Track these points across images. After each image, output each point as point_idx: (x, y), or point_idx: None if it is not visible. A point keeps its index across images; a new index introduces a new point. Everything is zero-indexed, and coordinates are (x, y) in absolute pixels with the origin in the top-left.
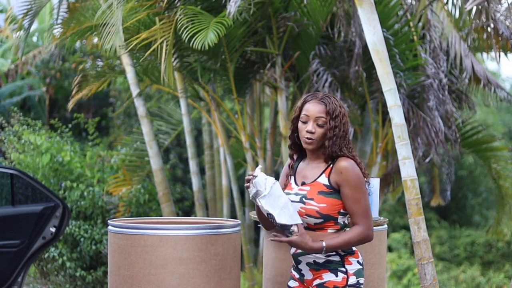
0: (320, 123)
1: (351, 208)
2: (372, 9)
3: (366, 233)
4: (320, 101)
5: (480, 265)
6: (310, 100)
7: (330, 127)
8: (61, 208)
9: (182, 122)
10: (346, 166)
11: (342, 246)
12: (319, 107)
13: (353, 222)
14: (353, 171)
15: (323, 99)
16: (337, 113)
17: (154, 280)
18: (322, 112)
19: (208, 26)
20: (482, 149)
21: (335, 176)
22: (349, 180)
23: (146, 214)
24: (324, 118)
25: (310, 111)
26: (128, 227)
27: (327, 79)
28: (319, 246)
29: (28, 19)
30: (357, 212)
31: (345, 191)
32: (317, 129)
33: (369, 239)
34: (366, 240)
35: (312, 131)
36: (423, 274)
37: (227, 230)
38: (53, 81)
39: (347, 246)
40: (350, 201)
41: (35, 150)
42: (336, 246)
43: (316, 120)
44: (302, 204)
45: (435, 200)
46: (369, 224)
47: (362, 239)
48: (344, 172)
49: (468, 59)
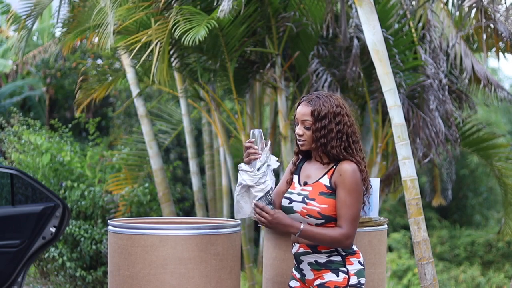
0: (307, 125)
1: (339, 210)
2: (372, 9)
3: (345, 240)
4: (308, 103)
5: (480, 265)
6: (302, 102)
7: (315, 128)
8: (61, 208)
9: (182, 122)
10: (346, 169)
11: (316, 238)
12: (305, 109)
13: (338, 224)
14: (352, 175)
15: (312, 100)
16: (324, 114)
17: (154, 280)
18: (307, 115)
19: (201, 24)
20: (483, 147)
21: (335, 177)
22: (345, 183)
23: (146, 214)
24: (310, 121)
25: (298, 113)
26: (128, 227)
27: (327, 79)
28: (296, 225)
29: (30, 21)
30: (344, 216)
31: (339, 193)
32: (305, 131)
33: (344, 246)
34: (339, 246)
35: (300, 133)
36: (423, 274)
37: (227, 230)
38: (53, 81)
39: (321, 241)
40: (340, 203)
41: (35, 150)
42: (311, 235)
43: (303, 122)
44: (304, 204)
45: (437, 200)
46: (351, 232)
47: (336, 242)
48: (343, 174)
49: (468, 59)
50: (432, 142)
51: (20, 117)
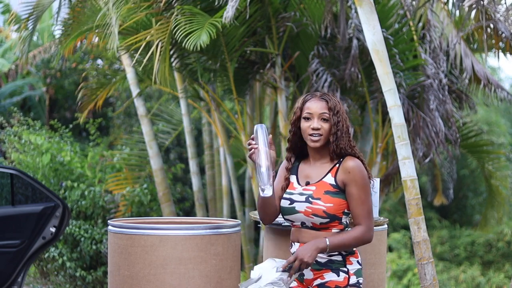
0: (325, 117)
1: (355, 209)
2: (372, 9)
3: (368, 235)
4: (321, 98)
5: (480, 265)
6: (311, 99)
7: (334, 122)
8: (61, 208)
9: (182, 122)
10: (354, 166)
11: (345, 245)
12: (321, 104)
13: (356, 222)
14: (360, 172)
15: (323, 96)
16: (338, 109)
17: (154, 280)
18: (325, 108)
19: (203, 27)
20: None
21: (342, 176)
22: (357, 180)
23: (146, 214)
24: (328, 114)
25: (313, 108)
26: (128, 227)
27: (327, 79)
28: (323, 245)
29: (31, 23)
30: (361, 213)
31: (352, 191)
32: (322, 124)
33: (369, 240)
34: (366, 242)
35: (318, 127)
36: (423, 274)
37: (227, 230)
38: (53, 81)
39: (350, 245)
40: (355, 201)
41: (36, 150)
42: (337, 244)
43: (321, 116)
44: (308, 203)
45: (438, 199)
46: (371, 225)
47: (363, 241)
48: (352, 172)
49: (468, 59)
50: (432, 142)
51: (20, 117)
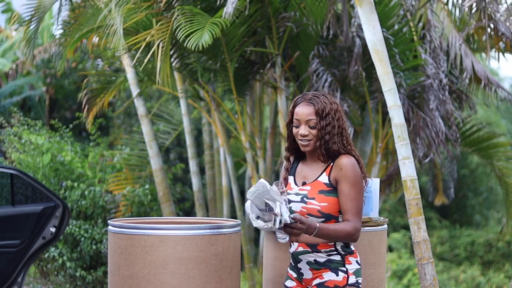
0: (312, 124)
1: (345, 205)
2: (372, 9)
3: (354, 232)
4: (309, 103)
5: (480, 265)
6: (300, 103)
7: (321, 127)
8: (61, 208)
9: (182, 122)
10: (347, 163)
11: (331, 235)
12: (308, 109)
13: (345, 219)
14: (352, 168)
15: (311, 100)
16: (327, 111)
17: (154, 280)
18: (311, 114)
19: (204, 26)
20: (484, 147)
21: (335, 173)
22: (347, 176)
23: (146, 214)
24: (315, 119)
25: (300, 114)
26: (128, 227)
27: (327, 79)
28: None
29: (33, 25)
30: (351, 210)
31: (342, 187)
32: (310, 131)
33: (354, 239)
34: (351, 240)
35: (305, 133)
36: (423, 274)
37: (227, 230)
38: (53, 81)
39: (336, 237)
40: (345, 197)
41: (36, 150)
42: (326, 233)
43: (307, 122)
44: (303, 203)
45: (439, 199)
46: (359, 225)
47: (349, 236)
48: (344, 168)
49: (468, 59)
50: (433, 142)
51: (20, 117)
